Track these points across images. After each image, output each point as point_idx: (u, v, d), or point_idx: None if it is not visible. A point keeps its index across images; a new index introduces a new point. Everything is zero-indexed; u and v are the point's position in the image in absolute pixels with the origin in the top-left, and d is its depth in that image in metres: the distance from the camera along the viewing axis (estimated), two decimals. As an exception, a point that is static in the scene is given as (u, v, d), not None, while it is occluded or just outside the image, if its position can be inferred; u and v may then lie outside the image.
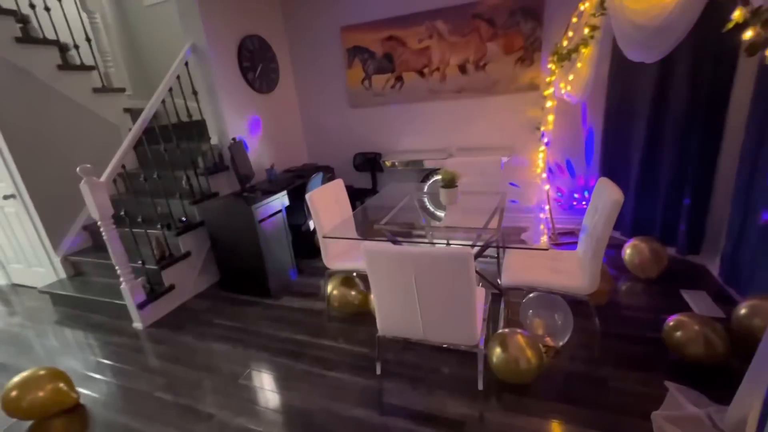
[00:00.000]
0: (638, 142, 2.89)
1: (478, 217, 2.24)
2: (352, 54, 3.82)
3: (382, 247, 1.49)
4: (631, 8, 1.92)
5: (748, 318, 1.82)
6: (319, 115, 4.25)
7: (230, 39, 3.30)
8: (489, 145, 3.61)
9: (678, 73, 2.53)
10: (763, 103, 2.06)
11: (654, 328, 2.09)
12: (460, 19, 3.34)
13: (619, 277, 2.65)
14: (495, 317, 2.32)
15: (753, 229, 2.13)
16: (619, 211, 1.69)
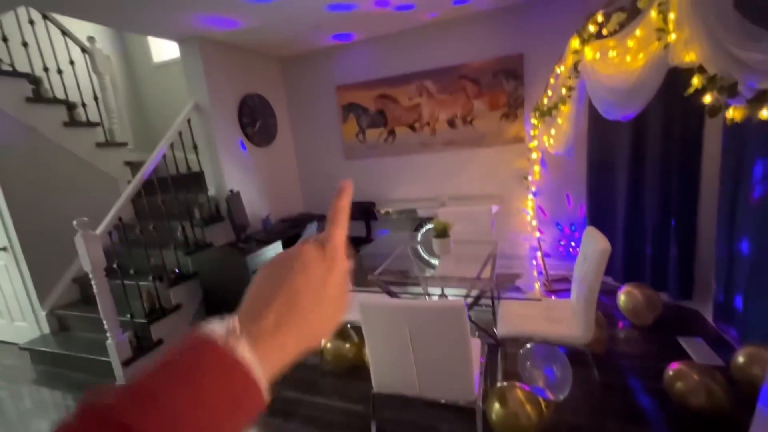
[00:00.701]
0: (621, 191, 3.01)
1: (472, 265, 2.26)
2: (346, 110, 4.04)
3: (376, 300, 1.50)
4: (602, 73, 2.11)
5: (747, 366, 1.80)
6: (315, 166, 4.39)
7: (232, 97, 3.49)
8: (479, 194, 3.73)
9: (652, 130, 2.72)
10: (732, 155, 2.20)
11: (654, 377, 2.05)
12: (448, 80, 3.60)
13: (616, 324, 2.63)
14: (493, 369, 2.26)
15: (740, 276, 2.17)
16: (608, 259, 1.74)
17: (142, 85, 4.80)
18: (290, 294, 0.29)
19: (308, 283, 0.30)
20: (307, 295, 0.30)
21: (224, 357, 0.25)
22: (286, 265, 0.31)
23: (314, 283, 0.30)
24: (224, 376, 0.25)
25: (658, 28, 1.66)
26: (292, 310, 0.29)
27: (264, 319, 0.28)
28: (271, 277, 0.31)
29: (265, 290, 0.30)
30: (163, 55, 4.61)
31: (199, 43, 3.13)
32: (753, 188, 2.04)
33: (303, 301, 0.30)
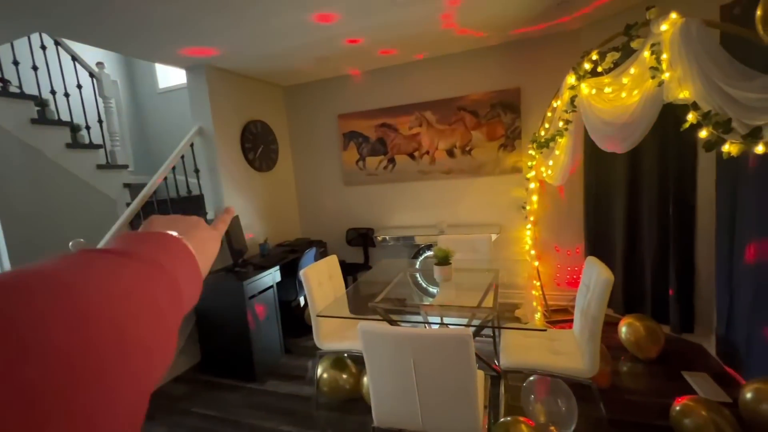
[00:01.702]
0: (619, 222, 3.05)
1: (472, 294, 2.24)
2: (347, 138, 4.12)
3: (379, 327, 1.46)
4: (599, 107, 2.19)
5: (755, 402, 1.76)
6: (314, 192, 4.42)
7: (235, 122, 3.55)
8: (478, 222, 3.74)
9: (647, 162, 2.79)
10: (726, 188, 2.25)
11: (661, 413, 1.99)
12: (447, 111, 3.70)
13: (619, 358, 2.59)
14: (495, 403, 2.18)
15: (741, 310, 2.17)
16: (611, 290, 1.73)
17: (146, 109, 4.88)
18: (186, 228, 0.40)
19: (198, 227, 0.42)
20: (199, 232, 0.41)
21: (182, 245, 0.34)
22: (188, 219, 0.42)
23: (201, 228, 0.42)
24: (186, 257, 0.34)
25: (652, 67, 1.74)
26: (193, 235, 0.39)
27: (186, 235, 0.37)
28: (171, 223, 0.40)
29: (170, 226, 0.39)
30: (169, 82, 4.72)
31: (205, 70, 3.22)
32: (747, 222, 2.07)
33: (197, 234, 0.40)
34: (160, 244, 0.32)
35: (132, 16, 2.26)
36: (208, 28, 2.52)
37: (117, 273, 0.25)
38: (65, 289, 0.21)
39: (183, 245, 0.34)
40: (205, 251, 0.40)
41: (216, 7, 2.24)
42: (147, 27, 2.43)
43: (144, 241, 0.31)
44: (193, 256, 0.34)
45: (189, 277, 0.32)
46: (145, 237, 0.32)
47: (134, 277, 0.26)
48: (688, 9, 1.71)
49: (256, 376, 2.72)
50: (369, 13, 2.52)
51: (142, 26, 2.41)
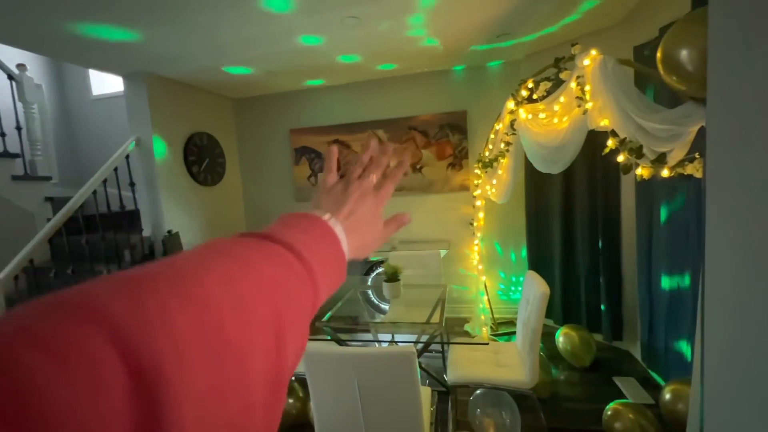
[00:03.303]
0: (557, 238, 3.26)
1: (422, 310, 2.26)
2: (299, 153, 4.06)
3: (321, 348, 1.42)
4: (534, 131, 2.36)
5: (672, 403, 1.93)
6: (264, 208, 4.28)
7: (178, 134, 3.37)
8: (428, 239, 3.83)
9: (579, 183, 3.03)
10: (643, 206, 2.51)
11: (596, 419, 2.11)
12: (398, 130, 3.80)
13: (557, 366, 2.72)
14: (444, 418, 2.19)
15: (660, 318, 2.39)
16: (548, 302, 1.83)
17: (77, 117, 4.49)
18: (353, 207, 0.40)
19: (365, 204, 0.41)
20: (364, 212, 0.40)
21: (328, 228, 0.35)
22: (347, 189, 0.42)
23: (369, 207, 0.41)
24: (329, 239, 0.34)
25: (578, 97, 1.91)
26: (355, 217, 0.39)
27: (342, 215, 0.38)
28: (336, 193, 0.41)
29: (334, 199, 0.40)
30: (104, 88, 4.41)
31: (145, 79, 3.05)
32: (661, 236, 2.31)
33: (361, 215, 0.40)
34: (304, 227, 0.33)
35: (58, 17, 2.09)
36: (145, 32, 2.40)
37: (246, 258, 0.26)
38: (182, 278, 0.22)
39: (329, 232, 0.35)
40: (360, 238, 0.39)
41: (154, 12, 2.14)
42: (78, 33, 2.26)
43: (290, 226, 0.33)
44: (339, 244, 0.35)
45: (328, 263, 0.33)
46: (293, 221, 0.34)
47: (267, 261, 0.27)
48: (607, 47, 1.92)
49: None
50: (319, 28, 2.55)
51: (74, 32, 2.24)
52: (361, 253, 0.39)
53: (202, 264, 0.23)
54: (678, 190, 2.11)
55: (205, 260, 0.24)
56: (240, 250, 0.26)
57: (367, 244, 0.40)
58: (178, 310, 0.19)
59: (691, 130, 1.32)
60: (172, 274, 0.21)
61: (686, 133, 1.34)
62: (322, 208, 0.38)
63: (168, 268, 0.22)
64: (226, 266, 0.24)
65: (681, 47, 1.22)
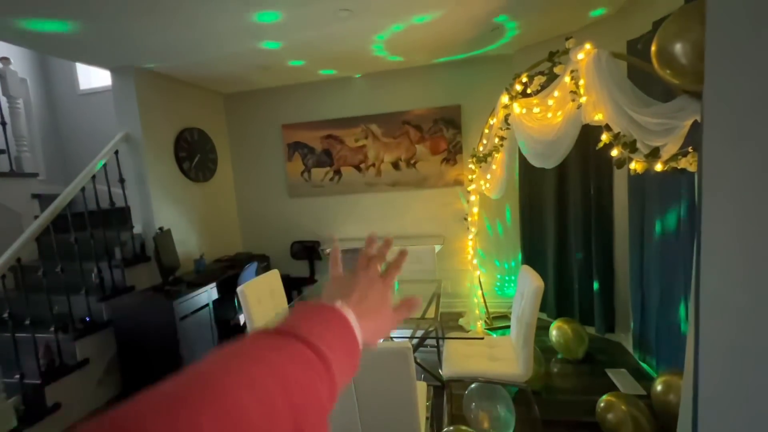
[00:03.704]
0: (550, 232, 3.28)
1: (416, 305, 2.25)
2: (292, 148, 4.03)
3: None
4: (528, 126, 2.36)
5: (664, 394, 1.96)
6: (256, 204, 4.24)
7: (168, 130, 3.32)
8: (423, 234, 3.83)
9: (572, 177, 3.05)
10: (636, 200, 2.53)
11: (589, 410, 2.14)
12: (392, 124, 3.77)
13: (550, 359, 2.75)
14: (439, 412, 2.21)
15: (651, 310, 2.42)
16: (542, 296, 1.84)
17: (64, 112, 4.39)
18: (363, 293, 0.41)
19: (373, 290, 0.42)
20: (374, 298, 0.41)
21: (343, 317, 0.36)
22: (355, 278, 0.44)
23: (378, 292, 0.43)
24: (343, 329, 0.35)
25: (572, 91, 1.91)
26: (365, 303, 0.40)
27: (354, 301, 0.39)
28: (345, 282, 0.43)
29: (344, 288, 0.41)
30: (91, 82, 4.31)
31: (134, 73, 2.98)
32: (653, 230, 2.33)
33: (371, 300, 0.41)
34: (319, 319, 0.35)
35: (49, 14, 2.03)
36: (137, 30, 2.34)
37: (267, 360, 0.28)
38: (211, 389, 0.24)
39: (343, 320, 0.36)
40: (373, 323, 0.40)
41: (146, 9, 2.09)
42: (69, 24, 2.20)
43: (307, 318, 0.34)
44: (353, 331, 0.36)
45: (344, 353, 0.34)
46: (309, 313, 0.36)
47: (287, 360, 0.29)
48: (600, 41, 1.92)
49: (188, 404, 2.49)
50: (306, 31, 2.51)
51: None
52: (374, 339, 0.40)
53: (227, 370, 0.26)
54: (671, 185, 2.12)
55: (229, 366, 0.26)
56: (262, 352, 0.28)
57: (379, 329, 0.41)
58: (209, 422, 0.22)
59: (684, 123, 1.33)
60: (200, 386, 0.24)
61: (680, 126, 1.35)
62: (333, 297, 0.40)
63: (196, 378, 0.25)
64: (250, 369, 0.26)
65: (675, 41, 1.22)
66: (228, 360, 0.27)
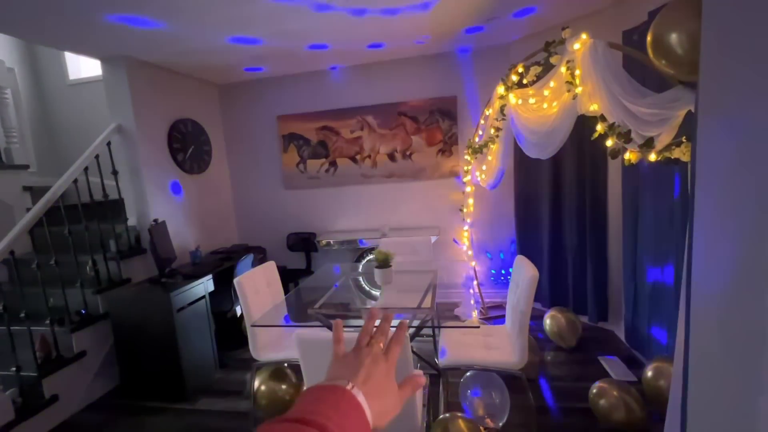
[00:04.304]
0: (545, 223, 3.31)
1: (413, 295, 2.28)
2: (287, 140, 4.00)
3: (316, 334, 1.43)
4: (524, 116, 2.36)
5: (655, 379, 2.00)
6: (252, 196, 4.22)
7: (161, 121, 3.28)
8: (419, 225, 3.84)
9: (567, 168, 3.06)
10: (630, 191, 2.55)
11: (582, 397, 2.19)
12: (388, 115, 3.76)
13: (544, 348, 2.79)
14: (435, 400, 2.24)
15: (643, 299, 2.46)
16: (536, 285, 1.86)
17: (54, 103, 4.31)
18: (368, 372, 0.41)
19: (377, 369, 0.42)
20: (379, 377, 0.42)
21: (353, 398, 0.37)
22: (358, 357, 0.44)
23: (382, 370, 0.43)
24: (354, 411, 0.36)
25: (567, 81, 1.91)
26: (371, 382, 0.41)
27: (360, 381, 0.40)
28: (349, 362, 0.44)
29: (349, 368, 0.42)
30: (81, 73, 4.23)
31: (125, 63, 2.93)
32: (646, 220, 2.36)
33: (376, 379, 0.41)
34: (332, 402, 0.36)
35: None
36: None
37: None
38: None
39: (354, 401, 0.37)
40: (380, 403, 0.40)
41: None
42: (54, 11, 2.15)
43: (319, 401, 0.35)
44: (364, 412, 0.37)
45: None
46: (321, 395, 0.36)
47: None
48: (597, 32, 1.92)
49: (186, 394, 2.51)
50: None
51: (47, 10, 2.13)
52: (382, 420, 0.40)
53: None
54: (664, 175, 2.14)
55: None
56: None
57: (387, 410, 0.41)
58: None
59: (678, 114, 1.34)
60: None
61: (674, 117, 1.36)
62: (340, 377, 0.40)
63: None
64: None
65: (671, 31, 1.22)
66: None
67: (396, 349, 0.47)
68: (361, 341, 0.47)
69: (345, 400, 0.36)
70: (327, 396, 0.36)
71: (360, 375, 0.40)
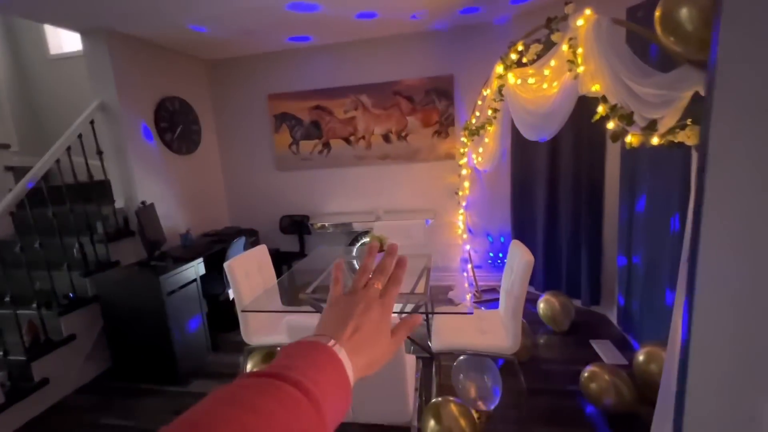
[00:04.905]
0: (541, 206, 3.28)
1: (407, 279, 2.25)
2: (279, 120, 3.88)
3: (308, 321, 1.39)
4: (523, 97, 2.28)
5: (646, 364, 2.02)
6: (243, 177, 4.13)
7: (147, 98, 3.15)
8: (413, 208, 3.80)
9: (564, 151, 3.01)
10: (627, 175, 2.51)
11: (573, 379, 2.21)
12: (383, 95, 3.65)
13: (537, 331, 2.81)
14: (428, 383, 2.25)
15: (637, 284, 2.46)
16: (531, 270, 1.84)
17: (35, 79, 4.13)
18: (358, 323, 0.39)
19: (370, 318, 0.40)
20: (370, 326, 0.40)
21: (334, 355, 0.35)
22: (351, 302, 0.42)
23: (374, 320, 0.41)
24: (334, 368, 0.35)
25: (569, 60, 1.83)
26: (360, 334, 0.39)
27: (346, 336, 0.38)
28: (340, 310, 0.41)
29: (339, 318, 0.40)
30: (63, 47, 4.04)
31: (106, 36, 2.79)
32: (643, 205, 2.33)
33: (366, 330, 0.39)
34: (310, 359, 0.34)
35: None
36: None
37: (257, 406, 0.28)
38: None
39: (334, 358, 0.35)
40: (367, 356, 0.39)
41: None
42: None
43: (297, 357, 0.34)
44: (344, 370, 0.35)
45: (334, 393, 0.33)
46: (299, 351, 0.35)
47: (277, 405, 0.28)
48: (600, 8, 1.83)
49: (179, 377, 2.51)
50: None
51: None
52: (369, 370, 0.40)
53: (215, 418, 0.26)
54: (663, 160, 2.10)
55: (217, 413, 0.26)
56: (251, 398, 0.28)
57: (375, 360, 0.40)
58: None
59: (685, 95, 1.28)
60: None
61: (679, 98, 1.30)
62: (328, 328, 0.39)
63: (188, 428, 0.25)
64: (239, 416, 0.26)
65: (681, 5, 1.15)
66: (219, 408, 0.27)
67: (394, 291, 0.45)
68: (359, 282, 0.45)
69: (325, 357, 0.35)
70: (306, 353, 0.35)
71: (347, 328, 0.39)
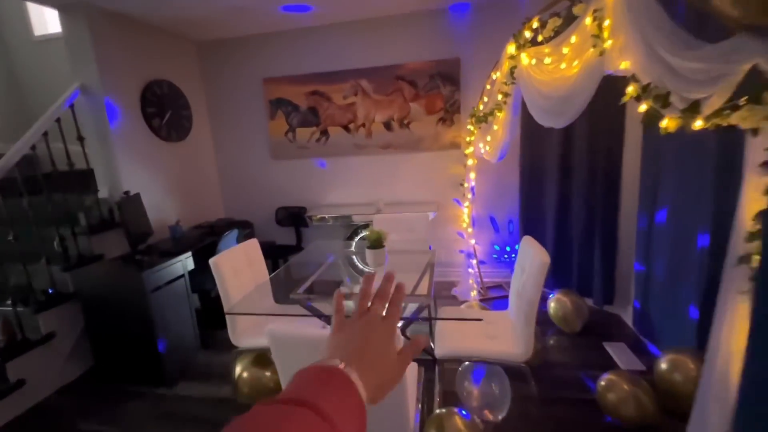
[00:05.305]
0: (551, 200, 3.08)
1: (408, 277, 2.07)
2: (275, 105, 3.68)
3: (290, 330, 1.22)
4: (538, 79, 2.07)
5: (669, 373, 1.84)
6: (238, 167, 3.94)
7: (132, 81, 2.95)
8: (416, 200, 3.61)
9: (578, 140, 2.80)
10: (650, 164, 2.31)
11: (587, 387, 2.05)
12: (384, 80, 3.43)
13: (546, 332, 2.64)
14: (430, 389, 2.09)
15: (656, 284, 2.27)
16: (546, 272, 1.66)
17: (19, 62, 3.93)
18: (364, 344, 0.42)
19: (375, 339, 0.42)
20: (376, 347, 0.42)
21: (345, 377, 0.37)
22: (356, 326, 0.44)
23: (379, 341, 0.43)
24: (347, 390, 0.36)
25: (593, 35, 1.62)
26: (367, 356, 0.41)
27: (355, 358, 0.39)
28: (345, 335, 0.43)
29: (344, 342, 0.42)
30: (48, 28, 3.83)
31: (86, 12, 2.58)
32: (668, 197, 2.13)
33: (373, 351, 0.41)
34: (324, 382, 0.36)
35: None
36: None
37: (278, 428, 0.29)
38: None
39: (347, 381, 0.37)
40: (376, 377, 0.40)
41: None
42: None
43: (311, 381, 0.36)
44: (357, 392, 0.36)
45: (350, 414, 0.34)
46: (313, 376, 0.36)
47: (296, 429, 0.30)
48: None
49: (165, 378, 2.36)
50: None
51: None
52: (380, 394, 0.40)
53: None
54: (695, 146, 1.89)
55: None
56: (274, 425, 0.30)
57: (384, 382, 0.41)
58: None
59: (740, 69, 1.08)
60: None
61: (733, 73, 1.10)
62: (336, 352, 0.40)
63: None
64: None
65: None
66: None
67: (395, 313, 0.46)
68: (360, 307, 0.47)
69: (338, 379, 0.36)
70: (319, 377, 0.36)
71: (355, 351, 0.40)
